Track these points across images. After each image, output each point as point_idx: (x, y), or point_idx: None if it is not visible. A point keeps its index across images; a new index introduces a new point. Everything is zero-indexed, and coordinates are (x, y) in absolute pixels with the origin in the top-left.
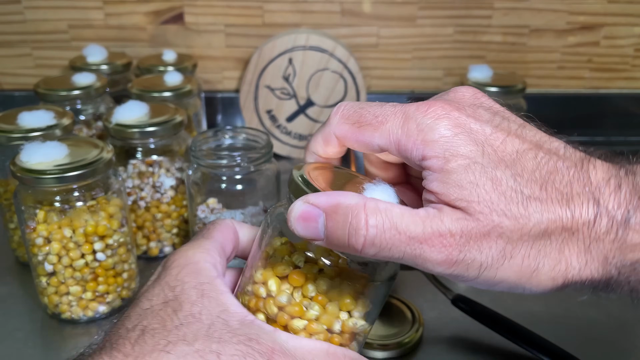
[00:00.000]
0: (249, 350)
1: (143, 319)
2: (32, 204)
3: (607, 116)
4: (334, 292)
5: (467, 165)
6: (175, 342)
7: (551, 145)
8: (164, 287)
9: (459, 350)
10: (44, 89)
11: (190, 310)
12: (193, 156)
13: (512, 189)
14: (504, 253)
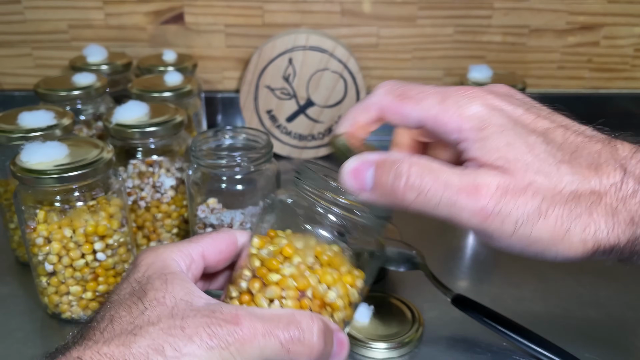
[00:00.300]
0: (212, 320)
1: (111, 309)
2: (32, 204)
3: (607, 116)
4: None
5: (501, 131)
6: (141, 325)
7: (579, 128)
8: (131, 282)
9: (459, 349)
10: (44, 89)
11: (154, 295)
12: (193, 156)
13: (545, 152)
14: (540, 210)
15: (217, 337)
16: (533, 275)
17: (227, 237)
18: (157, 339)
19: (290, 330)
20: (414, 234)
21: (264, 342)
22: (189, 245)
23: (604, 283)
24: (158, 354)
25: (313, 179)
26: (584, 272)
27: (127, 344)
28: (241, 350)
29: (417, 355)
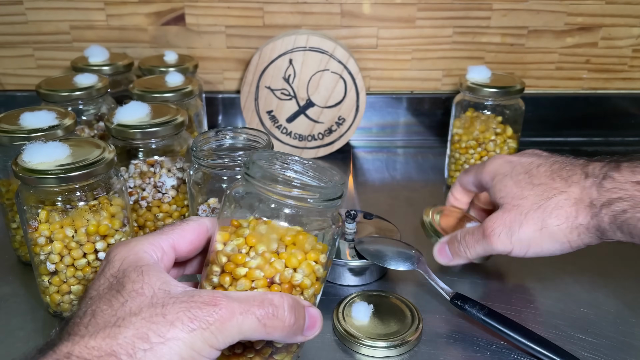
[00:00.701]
0: (192, 305)
1: (92, 304)
2: (34, 203)
3: (605, 117)
4: (283, 250)
5: (502, 178)
6: (124, 317)
7: (568, 159)
8: (108, 278)
9: (458, 348)
10: (46, 90)
11: (132, 287)
12: (194, 156)
13: (526, 182)
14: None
15: (198, 319)
16: (531, 275)
17: (196, 226)
18: (140, 327)
19: (265, 307)
20: (413, 234)
21: (241, 319)
22: (160, 237)
23: (602, 283)
24: (143, 341)
25: (263, 175)
26: (582, 272)
27: (113, 336)
28: (221, 329)
29: (417, 354)
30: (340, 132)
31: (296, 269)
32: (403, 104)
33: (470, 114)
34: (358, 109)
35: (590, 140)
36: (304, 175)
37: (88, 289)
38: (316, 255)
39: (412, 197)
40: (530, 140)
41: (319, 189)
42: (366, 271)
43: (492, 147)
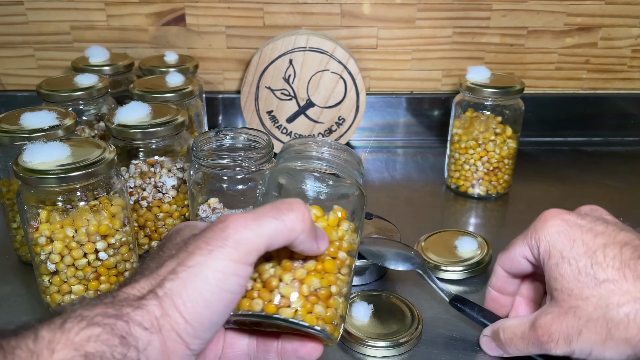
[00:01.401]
0: (206, 231)
1: (144, 270)
2: (34, 203)
3: (605, 117)
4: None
5: (558, 262)
6: (161, 263)
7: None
8: (174, 245)
9: (458, 348)
10: (47, 90)
11: (170, 242)
12: (194, 156)
13: (587, 275)
14: (583, 329)
15: (213, 239)
16: None
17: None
18: (170, 265)
19: (277, 206)
20: (414, 234)
21: (257, 224)
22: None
23: None
24: (172, 274)
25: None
26: None
27: (152, 277)
28: (238, 240)
29: (416, 354)
30: (340, 132)
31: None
32: (403, 104)
33: (470, 114)
34: (358, 109)
35: (590, 140)
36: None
37: (171, 236)
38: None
39: (412, 197)
40: (530, 140)
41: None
42: (366, 271)
43: (491, 147)
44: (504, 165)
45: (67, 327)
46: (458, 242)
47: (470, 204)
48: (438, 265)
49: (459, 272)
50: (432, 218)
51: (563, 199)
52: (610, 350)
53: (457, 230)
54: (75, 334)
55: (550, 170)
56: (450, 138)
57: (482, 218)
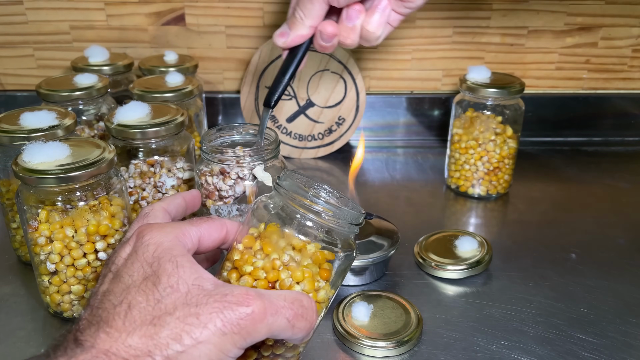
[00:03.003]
0: (225, 304)
1: (127, 294)
2: (34, 203)
3: (605, 117)
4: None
5: None
6: (159, 315)
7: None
8: (142, 264)
9: (458, 348)
10: (46, 90)
11: (168, 282)
12: (203, 151)
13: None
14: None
15: (230, 322)
16: (531, 275)
17: (219, 225)
18: (174, 328)
19: (295, 307)
20: (414, 234)
21: (272, 320)
22: (191, 228)
23: (602, 283)
24: (177, 342)
25: (293, 188)
26: (582, 272)
27: (149, 335)
28: (251, 331)
29: (417, 354)
30: (340, 132)
31: (299, 282)
32: (403, 104)
33: (470, 114)
34: (358, 109)
35: (590, 140)
36: (330, 197)
37: (121, 273)
38: (325, 276)
39: (412, 197)
40: (530, 140)
41: (341, 210)
42: (366, 271)
43: (492, 147)
44: (504, 165)
45: None
46: (458, 242)
47: (470, 204)
48: (438, 265)
49: (459, 272)
50: (432, 218)
51: (563, 199)
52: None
53: (457, 230)
54: None
55: (550, 170)
56: (451, 138)
57: (482, 218)
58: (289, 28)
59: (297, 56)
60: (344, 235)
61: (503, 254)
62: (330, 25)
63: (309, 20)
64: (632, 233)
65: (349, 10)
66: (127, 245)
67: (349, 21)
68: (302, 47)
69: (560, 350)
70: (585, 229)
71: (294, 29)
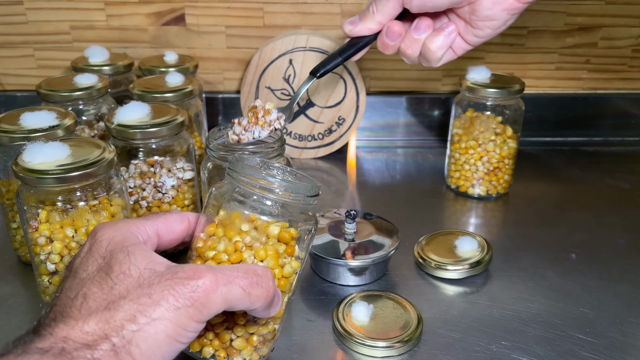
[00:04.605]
0: (176, 282)
1: (82, 286)
2: (34, 203)
3: (605, 117)
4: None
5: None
6: (113, 300)
7: None
8: (96, 258)
9: (458, 348)
10: (46, 90)
11: (120, 269)
12: (208, 149)
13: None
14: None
15: (182, 296)
16: (532, 275)
17: (179, 218)
18: (129, 310)
19: (249, 277)
20: (414, 234)
21: (226, 290)
22: (145, 222)
23: (602, 283)
24: (132, 322)
25: (247, 171)
26: (582, 272)
27: (105, 320)
28: (205, 303)
29: (417, 354)
30: (340, 132)
31: (263, 260)
32: (403, 104)
33: (470, 114)
34: (358, 109)
35: (590, 140)
36: (284, 174)
37: (77, 269)
38: (289, 252)
39: (412, 197)
40: (530, 140)
41: (294, 184)
42: (366, 271)
43: (492, 147)
44: (504, 165)
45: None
46: (458, 242)
47: (470, 204)
48: (438, 265)
49: (459, 272)
50: (432, 218)
51: (563, 199)
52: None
53: (457, 230)
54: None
55: (550, 170)
56: (451, 138)
57: (482, 218)
58: (360, 19)
59: (357, 45)
60: (302, 209)
61: (503, 254)
62: (398, 25)
63: (380, 16)
64: (632, 233)
65: (419, 22)
66: (84, 246)
67: (415, 32)
68: (365, 39)
69: (560, 350)
70: (585, 229)
71: (363, 21)
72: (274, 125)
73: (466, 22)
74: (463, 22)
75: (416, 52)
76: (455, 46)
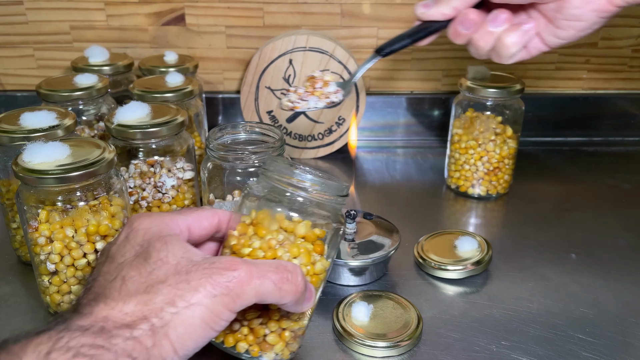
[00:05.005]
0: (213, 271)
1: (121, 270)
2: (34, 203)
3: (605, 117)
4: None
5: None
6: (152, 284)
7: None
8: (133, 245)
9: (458, 348)
10: (46, 90)
11: (158, 256)
12: (209, 149)
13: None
14: None
15: (219, 285)
16: (532, 275)
17: (210, 214)
18: (168, 294)
19: (280, 272)
20: (414, 234)
21: (259, 283)
22: (178, 216)
23: (602, 283)
24: (171, 306)
25: (279, 170)
26: (582, 272)
27: (144, 302)
28: (240, 293)
29: (416, 354)
30: (340, 132)
31: (296, 257)
32: (403, 104)
33: (470, 114)
34: (358, 109)
35: (590, 140)
36: (315, 175)
37: (114, 254)
38: (319, 250)
39: (412, 197)
40: (530, 140)
41: (326, 183)
42: (366, 271)
43: (492, 147)
44: (504, 165)
45: (52, 358)
46: (458, 242)
47: (470, 204)
48: (438, 265)
49: (459, 272)
50: (432, 218)
51: (563, 198)
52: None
53: (457, 230)
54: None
55: (550, 170)
56: (450, 138)
57: (482, 218)
58: (434, 2)
59: (427, 29)
60: (333, 208)
61: (503, 254)
62: (474, 14)
63: (457, 1)
64: (632, 233)
65: (497, 14)
66: (119, 235)
67: (491, 24)
68: (436, 24)
69: (560, 350)
70: (585, 229)
71: (438, 5)
72: (331, 98)
73: (548, 21)
74: (545, 20)
75: (489, 44)
76: (531, 45)
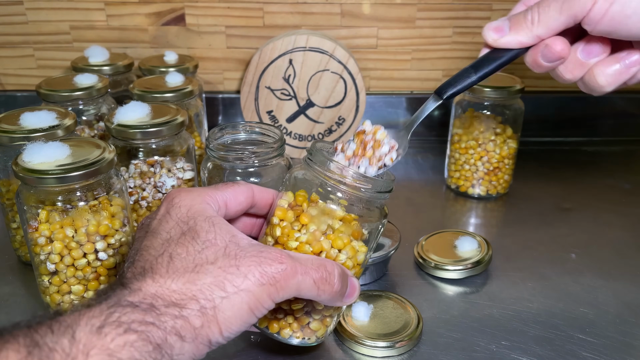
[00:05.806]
0: (262, 259)
1: (167, 247)
2: (34, 203)
3: (605, 117)
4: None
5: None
6: (201, 264)
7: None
8: (177, 222)
9: (458, 348)
10: (46, 90)
11: (206, 237)
12: (209, 149)
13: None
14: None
15: (267, 275)
16: (532, 275)
17: (246, 190)
18: (217, 276)
19: (320, 271)
20: (414, 234)
21: (301, 279)
22: (216, 192)
23: (602, 283)
24: (220, 289)
25: (323, 161)
26: (582, 272)
27: (192, 281)
28: (284, 285)
29: (416, 354)
30: (340, 132)
31: (341, 250)
32: (403, 104)
33: (470, 114)
34: (358, 109)
35: (590, 140)
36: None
37: (157, 230)
38: (359, 244)
39: (412, 197)
40: (530, 140)
41: (372, 180)
42: (366, 271)
43: (492, 147)
44: (504, 165)
45: (104, 332)
46: (458, 242)
47: (470, 204)
48: (438, 265)
49: (459, 272)
50: (432, 218)
51: (563, 198)
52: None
53: (457, 230)
54: (111, 339)
55: (550, 170)
56: (451, 138)
57: (482, 218)
58: (510, 27)
59: (499, 60)
60: (377, 203)
61: (503, 254)
62: (561, 44)
63: (541, 29)
64: (632, 233)
65: (591, 43)
66: (158, 210)
67: (584, 54)
68: (511, 53)
69: (560, 350)
70: (585, 229)
71: (515, 31)
72: (384, 160)
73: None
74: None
75: (577, 77)
76: (630, 80)
